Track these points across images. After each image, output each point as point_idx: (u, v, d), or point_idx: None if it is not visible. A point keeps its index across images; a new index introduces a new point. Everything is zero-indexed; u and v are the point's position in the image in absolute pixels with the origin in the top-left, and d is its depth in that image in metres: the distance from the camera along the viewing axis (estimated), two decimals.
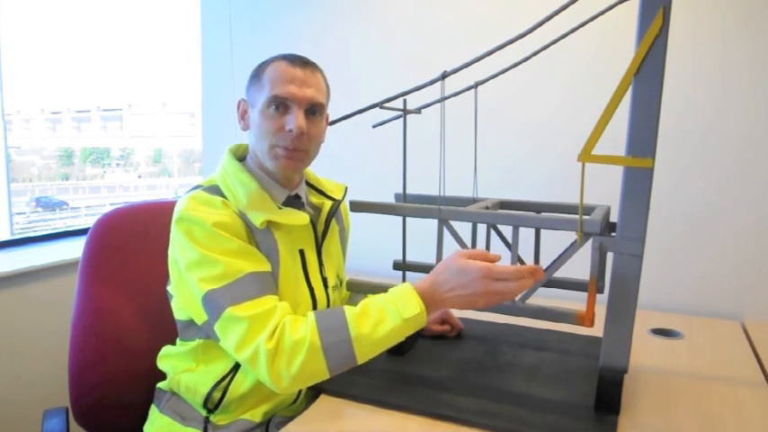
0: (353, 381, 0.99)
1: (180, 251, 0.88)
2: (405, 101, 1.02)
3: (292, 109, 0.91)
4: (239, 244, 0.87)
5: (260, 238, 0.91)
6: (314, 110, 0.93)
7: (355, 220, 1.20)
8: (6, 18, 2.01)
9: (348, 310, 0.83)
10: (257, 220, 0.90)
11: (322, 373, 0.81)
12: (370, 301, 0.84)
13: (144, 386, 1.06)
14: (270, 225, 0.92)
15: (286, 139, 0.91)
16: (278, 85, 0.90)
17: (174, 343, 1.02)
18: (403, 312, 0.80)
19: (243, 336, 0.81)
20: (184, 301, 0.93)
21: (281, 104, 0.91)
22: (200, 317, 0.89)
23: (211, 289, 0.83)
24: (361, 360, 0.81)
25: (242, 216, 0.90)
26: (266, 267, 0.89)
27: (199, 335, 0.95)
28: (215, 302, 0.83)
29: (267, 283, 0.87)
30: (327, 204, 1.05)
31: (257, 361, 0.79)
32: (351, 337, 0.80)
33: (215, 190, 0.93)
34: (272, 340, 0.80)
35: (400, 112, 1.04)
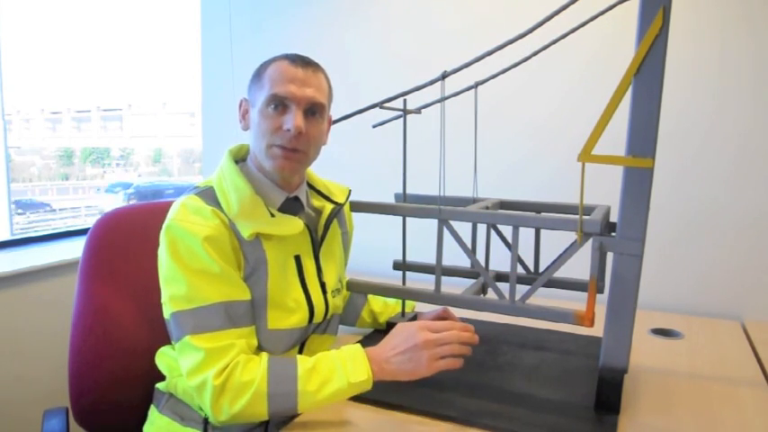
0: None
1: (161, 261, 0.89)
2: (405, 101, 1.02)
3: (291, 108, 0.90)
4: (220, 267, 0.86)
5: (248, 249, 0.90)
6: (314, 110, 0.92)
7: (355, 220, 1.20)
8: (6, 18, 2.01)
9: (301, 363, 0.85)
10: (246, 231, 0.89)
11: (261, 416, 0.83)
12: (324, 357, 0.86)
13: (144, 386, 1.06)
14: (259, 235, 0.91)
15: (284, 138, 0.90)
16: (277, 85, 0.90)
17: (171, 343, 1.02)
18: (351, 376, 0.83)
19: (195, 365, 0.82)
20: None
21: (279, 104, 0.90)
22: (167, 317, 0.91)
23: (178, 310, 0.85)
24: (301, 411, 0.84)
25: (231, 226, 0.89)
26: (241, 296, 0.88)
27: None
28: (179, 324, 0.85)
29: (234, 315, 0.87)
30: (328, 208, 1.04)
31: (203, 392, 0.82)
32: (297, 392, 0.82)
33: (210, 193, 0.92)
34: (221, 377, 0.81)
35: (400, 112, 1.04)
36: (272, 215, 0.93)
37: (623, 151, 0.82)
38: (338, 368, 0.84)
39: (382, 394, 0.94)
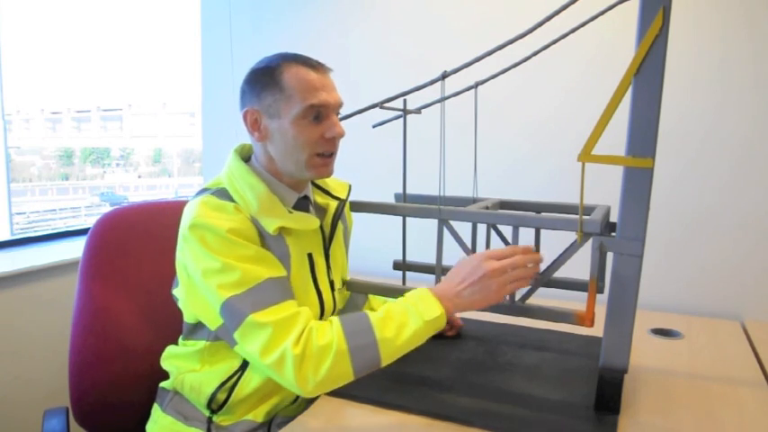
0: (353, 381, 0.99)
1: (194, 259, 0.86)
2: (405, 101, 1.02)
3: (328, 115, 0.91)
4: (255, 249, 0.86)
5: (272, 243, 0.90)
6: (338, 111, 0.94)
7: (355, 220, 1.20)
8: (6, 18, 2.01)
9: (371, 314, 0.84)
10: (270, 226, 0.89)
11: (347, 376, 0.81)
12: (392, 305, 0.85)
13: (144, 386, 1.06)
14: (282, 231, 0.92)
15: (327, 145, 0.91)
16: (311, 95, 0.88)
17: (176, 342, 1.02)
18: (424, 315, 0.83)
19: (268, 341, 0.80)
20: (195, 307, 0.92)
21: (317, 114, 0.90)
22: (214, 322, 0.88)
23: (231, 296, 0.82)
24: (385, 363, 0.82)
25: (254, 222, 0.89)
26: (283, 272, 0.89)
27: (206, 337, 0.94)
28: (235, 309, 0.82)
29: (286, 289, 0.87)
30: (333, 205, 1.05)
31: (283, 366, 0.79)
32: (377, 341, 0.81)
33: (224, 193, 0.91)
34: (299, 345, 0.79)
35: (400, 112, 1.04)
36: (290, 212, 0.94)
37: (623, 151, 0.82)
38: (410, 310, 0.83)
39: (382, 394, 0.95)
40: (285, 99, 0.89)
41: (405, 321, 0.82)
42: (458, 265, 0.89)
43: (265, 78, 0.90)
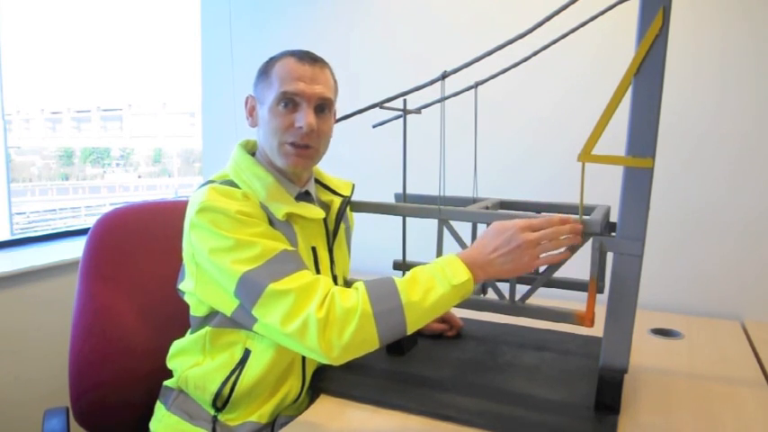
0: (353, 381, 0.99)
1: (204, 241, 0.85)
2: (405, 101, 1.02)
3: (302, 106, 0.91)
4: (266, 227, 0.87)
5: (281, 230, 0.91)
6: (323, 107, 0.93)
7: (355, 220, 1.20)
8: (6, 18, 2.01)
9: (397, 279, 0.83)
10: (279, 212, 0.90)
11: (372, 342, 0.80)
12: (418, 269, 0.84)
13: (144, 386, 1.06)
14: (289, 218, 0.93)
15: (295, 135, 0.91)
16: (287, 82, 0.90)
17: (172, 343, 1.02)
18: (452, 279, 0.81)
19: (290, 308, 0.79)
20: (207, 295, 0.90)
21: (290, 101, 0.91)
22: (229, 306, 0.87)
23: (248, 269, 0.82)
24: (410, 328, 0.81)
25: (263, 208, 0.90)
26: (295, 248, 0.90)
27: (209, 323, 0.94)
28: (253, 282, 0.81)
29: (301, 260, 0.87)
30: (337, 201, 1.05)
31: (306, 332, 0.78)
32: (402, 305, 0.80)
33: (231, 184, 0.92)
34: (323, 309, 0.78)
35: (400, 112, 1.04)
36: (296, 201, 0.95)
37: (623, 151, 0.82)
38: (437, 275, 0.82)
39: (382, 394, 0.95)
40: (268, 86, 0.92)
41: (431, 285, 0.81)
42: (490, 232, 0.85)
43: (263, 68, 0.95)
